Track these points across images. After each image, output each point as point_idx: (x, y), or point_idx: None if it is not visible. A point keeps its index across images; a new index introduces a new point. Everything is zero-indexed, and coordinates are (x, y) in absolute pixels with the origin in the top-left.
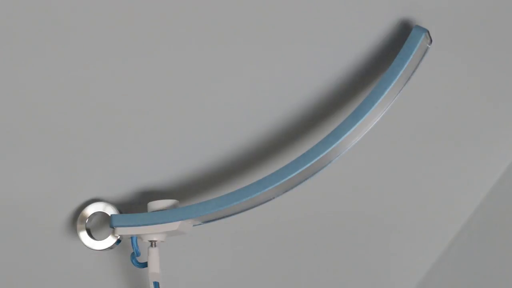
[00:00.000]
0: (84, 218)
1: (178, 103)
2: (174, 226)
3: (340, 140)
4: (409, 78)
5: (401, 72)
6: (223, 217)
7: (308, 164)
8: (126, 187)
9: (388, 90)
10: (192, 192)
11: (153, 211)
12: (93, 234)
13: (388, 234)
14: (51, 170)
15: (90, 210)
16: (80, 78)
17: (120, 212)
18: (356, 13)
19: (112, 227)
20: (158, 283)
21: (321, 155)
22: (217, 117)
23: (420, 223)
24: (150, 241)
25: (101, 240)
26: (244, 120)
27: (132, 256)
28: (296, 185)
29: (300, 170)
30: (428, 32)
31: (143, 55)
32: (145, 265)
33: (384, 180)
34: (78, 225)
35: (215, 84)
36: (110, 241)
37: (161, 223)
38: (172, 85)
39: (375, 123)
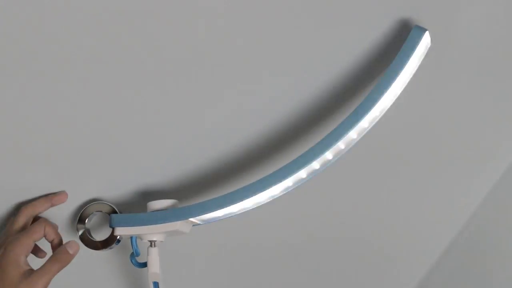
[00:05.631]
0: (84, 218)
1: (178, 104)
2: (174, 226)
3: (340, 140)
4: (409, 78)
5: (401, 72)
6: (223, 217)
7: (308, 164)
8: (126, 187)
9: (388, 90)
10: (192, 192)
11: (153, 211)
12: (93, 234)
13: (388, 234)
14: (51, 171)
15: (90, 210)
16: (80, 79)
17: (120, 212)
18: (357, 13)
19: (111, 227)
20: (158, 283)
21: (321, 155)
22: (217, 118)
23: (420, 223)
24: (150, 241)
25: (100, 240)
26: (244, 121)
27: (132, 256)
28: (296, 185)
29: (300, 170)
30: (428, 32)
31: (143, 56)
32: (144, 265)
33: (384, 180)
34: (78, 225)
35: (215, 84)
36: (109, 241)
37: (161, 223)
38: (172, 86)
39: (375, 123)
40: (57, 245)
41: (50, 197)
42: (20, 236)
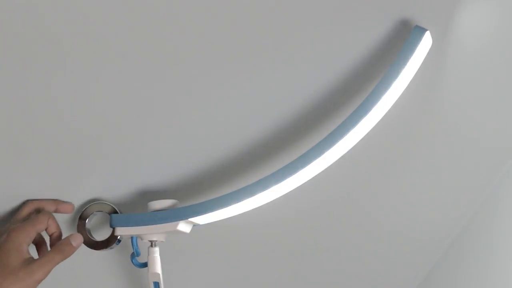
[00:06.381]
0: (84, 218)
1: (178, 104)
2: (174, 226)
3: (340, 140)
4: (409, 78)
5: (401, 72)
6: (223, 217)
7: (308, 164)
8: (126, 187)
9: (388, 90)
10: (192, 192)
11: (153, 211)
12: (93, 234)
13: (388, 234)
14: (51, 171)
15: (90, 210)
16: (80, 80)
17: (120, 212)
18: (357, 13)
19: (112, 227)
20: (158, 283)
21: (321, 155)
22: (217, 118)
23: (420, 223)
24: (150, 241)
25: (101, 240)
26: (244, 120)
27: (132, 256)
28: (296, 185)
29: (300, 170)
30: (428, 32)
31: (143, 56)
32: (145, 265)
33: (384, 180)
34: (78, 225)
35: (215, 84)
36: (110, 241)
37: (161, 223)
38: (173, 87)
39: (375, 123)
40: (57, 239)
41: (58, 202)
42: (25, 224)
